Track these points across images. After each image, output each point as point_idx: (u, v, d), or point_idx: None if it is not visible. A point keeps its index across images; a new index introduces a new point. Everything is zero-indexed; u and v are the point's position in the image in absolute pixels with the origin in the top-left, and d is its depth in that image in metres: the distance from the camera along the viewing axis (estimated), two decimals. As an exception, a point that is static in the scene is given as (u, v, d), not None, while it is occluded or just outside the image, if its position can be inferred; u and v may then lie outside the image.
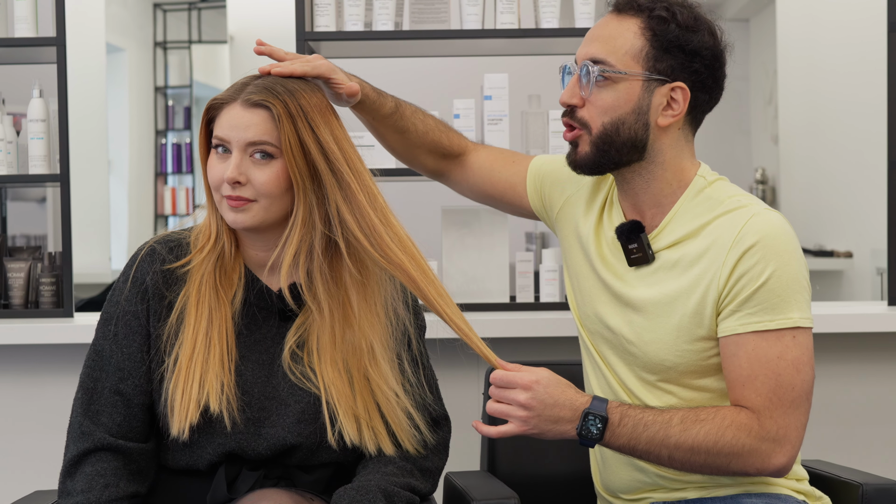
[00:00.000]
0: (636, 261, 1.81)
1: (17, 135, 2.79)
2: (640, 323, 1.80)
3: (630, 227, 1.81)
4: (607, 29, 1.78)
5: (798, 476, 1.84)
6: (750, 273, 1.71)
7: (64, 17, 2.72)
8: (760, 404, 1.69)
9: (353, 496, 1.68)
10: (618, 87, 1.76)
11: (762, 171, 5.90)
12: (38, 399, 2.67)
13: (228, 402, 1.71)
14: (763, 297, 1.70)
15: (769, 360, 1.69)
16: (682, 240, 1.78)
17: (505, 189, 2.04)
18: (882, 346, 2.70)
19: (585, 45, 1.79)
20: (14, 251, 2.89)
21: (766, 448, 1.68)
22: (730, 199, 1.78)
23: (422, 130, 1.98)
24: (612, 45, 1.76)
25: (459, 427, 2.16)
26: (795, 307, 1.70)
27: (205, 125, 1.77)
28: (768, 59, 5.89)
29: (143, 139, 6.37)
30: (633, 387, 1.83)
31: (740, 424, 1.68)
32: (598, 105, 1.76)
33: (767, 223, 1.73)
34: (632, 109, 1.76)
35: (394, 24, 2.75)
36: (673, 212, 1.80)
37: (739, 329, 1.71)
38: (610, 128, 1.76)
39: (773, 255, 1.71)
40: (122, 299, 1.77)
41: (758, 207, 1.76)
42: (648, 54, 1.75)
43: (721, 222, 1.75)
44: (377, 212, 1.73)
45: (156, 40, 6.48)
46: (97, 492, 1.70)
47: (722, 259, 1.73)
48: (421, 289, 1.74)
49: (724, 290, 1.72)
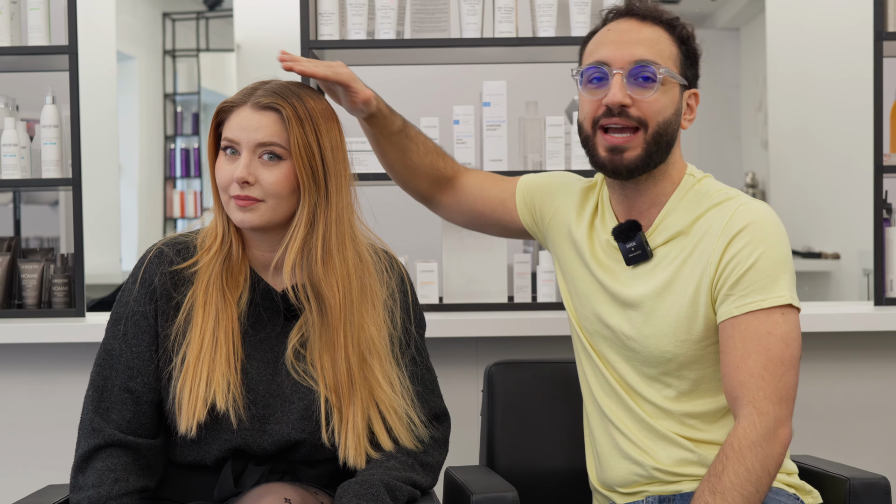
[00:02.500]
0: (635, 259, 1.82)
1: (30, 140, 2.79)
2: (639, 318, 1.81)
3: (628, 227, 1.82)
4: (643, 33, 1.79)
5: (788, 470, 1.84)
6: (739, 255, 1.73)
7: (76, 27, 2.72)
8: (754, 386, 1.69)
9: (356, 490, 1.68)
10: (667, 89, 1.78)
11: (752, 175, 5.89)
12: (51, 396, 2.66)
13: (234, 400, 1.71)
14: (753, 278, 1.72)
15: (760, 335, 1.71)
16: (677, 235, 1.81)
17: (495, 206, 2.05)
18: (868, 345, 2.70)
19: (623, 49, 1.77)
20: (28, 253, 2.89)
21: (775, 435, 1.68)
22: (717, 193, 1.82)
23: (422, 151, 1.99)
24: (657, 48, 1.78)
25: (459, 423, 2.16)
26: (785, 286, 1.73)
27: (214, 128, 1.77)
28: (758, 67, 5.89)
29: (153, 144, 6.37)
30: (632, 382, 1.84)
31: (746, 439, 1.68)
32: (653, 104, 1.77)
33: (754, 210, 1.77)
34: (674, 111, 1.80)
35: (395, 32, 2.74)
36: (666, 209, 1.82)
37: (735, 311, 1.73)
38: (663, 127, 1.78)
39: (760, 239, 1.74)
40: (131, 300, 1.77)
41: (745, 198, 1.80)
42: (681, 62, 1.81)
43: (711, 214, 1.79)
44: (338, 237, 1.74)
45: (165, 49, 6.48)
46: (107, 486, 1.70)
47: (713, 247, 1.76)
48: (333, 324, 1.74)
49: (716, 276, 1.75)
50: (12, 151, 2.73)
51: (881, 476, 1.89)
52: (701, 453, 1.79)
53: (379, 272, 1.83)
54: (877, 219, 2.78)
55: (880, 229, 2.79)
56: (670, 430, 1.81)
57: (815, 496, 1.86)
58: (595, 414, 1.90)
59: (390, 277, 1.84)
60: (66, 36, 2.73)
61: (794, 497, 1.80)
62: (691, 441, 1.81)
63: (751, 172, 5.94)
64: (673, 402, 1.82)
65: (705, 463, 1.79)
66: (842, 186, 5.05)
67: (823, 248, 5.31)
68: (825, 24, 5.17)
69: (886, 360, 2.71)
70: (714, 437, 1.81)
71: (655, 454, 1.81)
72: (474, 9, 2.73)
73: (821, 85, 5.25)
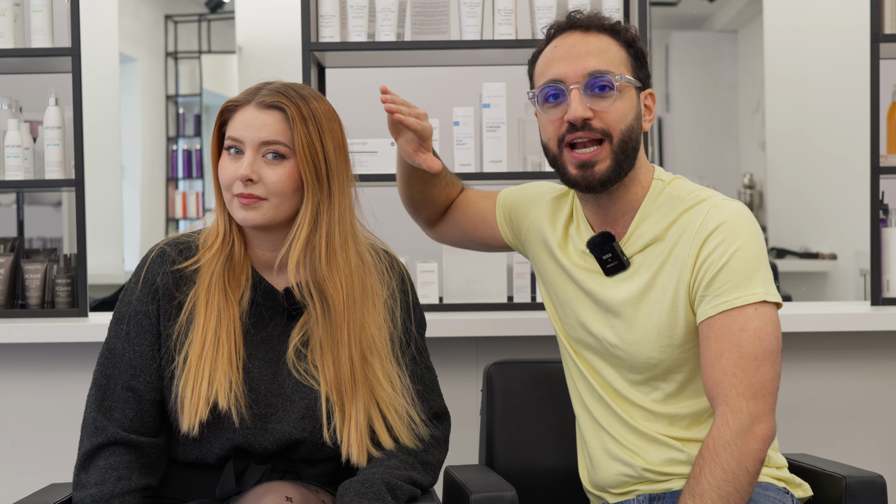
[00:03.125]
0: (612, 270, 1.82)
1: (33, 141, 2.79)
2: (622, 326, 1.81)
3: (601, 239, 1.81)
4: (590, 44, 1.78)
5: (777, 464, 1.84)
6: (713, 255, 1.72)
7: (79, 29, 2.72)
8: (727, 384, 1.68)
9: (357, 489, 1.68)
10: (624, 95, 1.77)
11: (750, 177, 5.90)
12: (54, 395, 2.66)
13: (236, 400, 1.71)
14: (726, 276, 1.71)
15: (732, 333, 1.70)
16: (653, 241, 1.80)
17: (478, 223, 2.06)
18: (865, 345, 2.70)
19: (575, 63, 1.76)
20: (31, 253, 2.89)
21: (750, 432, 1.67)
22: (690, 196, 1.80)
23: (443, 185, 2.02)
24: (607, 56, 1.77)
25: (459, 422, 2.16)
26: (759, 283, 1.71)
27: (217, 127, 1.78)
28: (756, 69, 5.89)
29: (155, 145, 6.37)
30: (619, 388, 1.84)
31: (720, 439, 1.67)
32: (614, 113, 1.76)
33: (727, 210, 1.75)
34: (635, 115, 1.79)
35: (396, 34, 2.74)
36: (639, 216, 1.81)
37: (710, 312, 1.72)
38: (626, 134, 1.77)
39: (733, 238, 1.73)
40: (134, 299, 1.77)
41: (718, 199, 1.78)
42: (632, 64, 1.80)
43: (685, 217, 1.77)
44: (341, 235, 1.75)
45: (167, 51, 6.48)
46: (110, 484, 1.70)
47: (688, 250, 1.75)
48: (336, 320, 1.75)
49: (692, 278, 1.74)
50: (16, 152, 2.73)
51: (877, 474, 1.89)
52: (690, 452, 1.79)
53: (380, 272, 1.83)
54: (873, 219, 2.78)
55: (877, 230, 2.79)
56: (659, 431, 1.81)
57: (805, 489, 1.87)
58: (585, 419, 1.90)
59: (391, 277, 1.85)
60: (69, 38, 2.73)
61: (783, 491, 1.79)
62: (680, 441, 1.80)
63: (748, 173, 5.94)
64: (660, 404, 1.82)
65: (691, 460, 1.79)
66: (838, 187, 5.05)
67: (820, 248, 5.32)
68: (822, 27, 5.18)
69: (883, 359, 2.71)
70: (702, 435, 1.80)
71: (645, 454, 1.81)
72: (474, 11, 2.73)
73: (818, 87, 5.25)
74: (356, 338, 1.75)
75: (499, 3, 2.73)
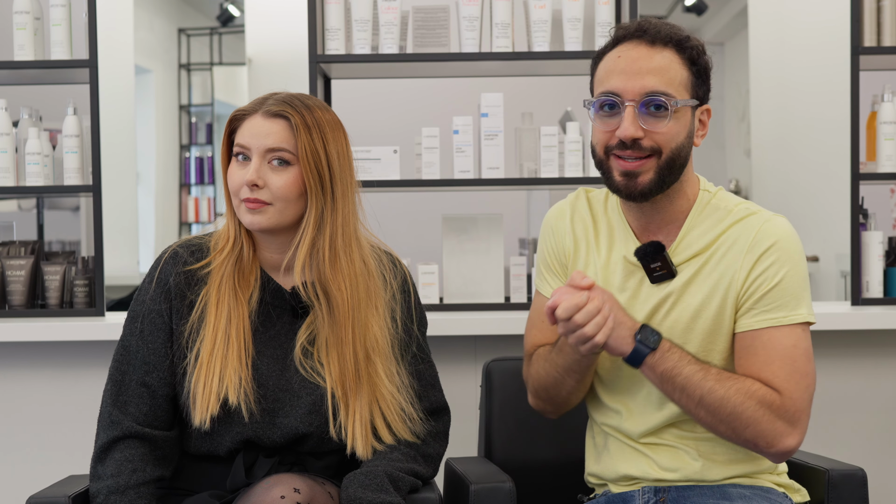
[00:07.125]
0: (659, 278, 1.76)
1: (53, 149, 2.79)
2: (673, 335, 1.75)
3: (653, 248, 1.76)
4: (653, 61, 1.70)
5: (778, 470, 1.83)
6: (766, 273, 1.71)
7: (96, 42, 2.72)
8: (781, 384, 1.68)
9: (361, 480, 1.68)
10: (678, 116, 1.71)
11: (736, 182, 5.89)
12: (72, 391, 2.66)
13: (246, 395, 1.71)
14: (777, 295, 1.70)
15: (785, 347, 1.69)
16: (702, 251, 1.75)
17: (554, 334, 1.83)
18: (846, 343, 2.70)
19: (636, 79, 1.69)
20: (50, 256, 2.88)
21: (781, 427, 1.67)
22: (738, 208, 1.77)
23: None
24: (667, 76, 1.70)
25: (459, 417, 2.15)
26: (805, 304, 1.72)
27: (227, 136, 1.78)
28: (741, 80, 5.89)
29: (169, 153, 6.37)
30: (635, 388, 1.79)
31: (763, 397, 1.66)
32: (665, 133, 1.70)
33: (779, 228, 1.73)
34: (686, 133, 1.73)
35: (398, 47, 2.75)
36: (687, 226, 1.77)
37: (756, 325, 1.71)
38: (675, 152, 1.71)
39: (786, 258, 1.71)
40: (148, 299, 1.77)
41: (766, 213, 1.76)
42: (693, 83, 1.73)
43: (735, 230, 1.74)
44: (345, 239, 1.74)
45: (180, 62, 6.49)
46: (125, 476, 1.70)
47: (739, 262, 1.72)
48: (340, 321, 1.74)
49: (742, 290, 1.72)
50: (36, 160, 2.73)
51: (858, 467, 1.89)
52: (699, 450, 1.76)
53: (382, 275, 1.83)
54: (854, 223, 2.78)
55: (857, 233, 2.79)
56: (672, 434, 1.78)
57: (803, 494, 1.85)
58: (598, 419, 1.86)
59: (393, 278, 1.84)
60: (87, 50, 2.73)
61: (783, 496, 1.78)
62: (692, 440, 1.77)
63: (734, 179, 5.94)
64: (679, 412, 1.76)
65: (702, 456, 1.76)
66: (821, 192, 5.05)
67: (803, 251, 5.30)
68: (805, 40, 5.17)
69: (863, 357, 2.71)
70: (712, 436, 1.76)
71: (654, 453, 1.78)
72: (473, 25, 2.73)
73: (801, 97, 5.25)
74: (360, 337, 1.75)
75: (496, 17, 2.73)
